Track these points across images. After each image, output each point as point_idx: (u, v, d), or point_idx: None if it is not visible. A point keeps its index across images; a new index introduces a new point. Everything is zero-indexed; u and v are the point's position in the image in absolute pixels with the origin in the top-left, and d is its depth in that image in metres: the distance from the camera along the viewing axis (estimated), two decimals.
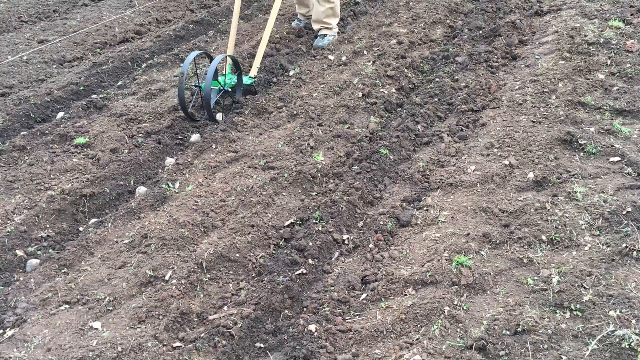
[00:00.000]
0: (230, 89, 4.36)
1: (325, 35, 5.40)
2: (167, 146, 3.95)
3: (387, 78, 4.60)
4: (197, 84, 4.27)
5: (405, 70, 4.72)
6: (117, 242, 3.02)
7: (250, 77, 4.55)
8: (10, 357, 2.34)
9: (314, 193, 3.39)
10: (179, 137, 4.08)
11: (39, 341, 2.40)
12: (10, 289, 2.77)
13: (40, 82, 4.98)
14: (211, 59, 4.32)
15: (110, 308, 2.58)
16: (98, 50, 5.71)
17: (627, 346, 2.15)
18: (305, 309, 2.60)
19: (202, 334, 2.42)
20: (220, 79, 4.37)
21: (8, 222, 3.21)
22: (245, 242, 2.92)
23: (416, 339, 2.31)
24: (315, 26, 5.45)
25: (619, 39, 4.53)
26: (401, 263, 2.77)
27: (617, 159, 3.23)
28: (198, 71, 4.65)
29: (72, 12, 6.75)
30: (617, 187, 3.00)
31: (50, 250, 3.09)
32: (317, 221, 3.07)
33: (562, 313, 2.34)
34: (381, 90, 4.44)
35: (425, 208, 3.14)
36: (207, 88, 3.96)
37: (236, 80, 4.45)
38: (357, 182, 3.39)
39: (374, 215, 3.16)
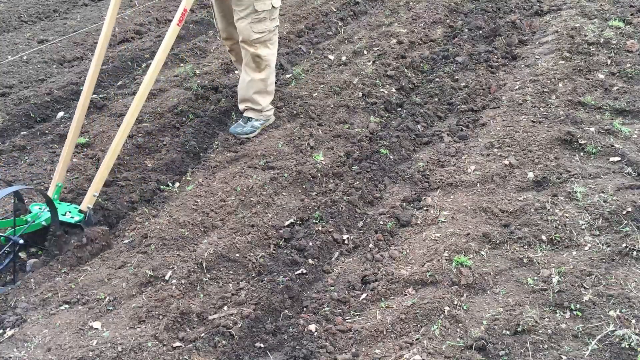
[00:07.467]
0: (23, 240, 2.78)
1: (249, 118, 3.86)
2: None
3: (387, 78, 4.60)
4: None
5: (405, 70, 4.72)
6: (117, 242, 3.02)
7: (80, 210, 2.95)
8: (10, 357, 2.34)
9: (314, 193, 3.39)
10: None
11: (39, 341, 2.40)
12: (10, 289, 2.77)
13: (40, 82, 4.98)
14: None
15: (110, 308, 2.58)
16: None
17: (627, 346, 2.15)
18: (305, 309, 2.60)
19: (202, 334, 2.42)
20: (39, 211, 2.90)
21: None
22: (245, 242, 2.92)
23: (416, 339, 2.31)
24: (241, 106, 3.96)
25: (619, 39, 4.53)
26: (401, 263, 2.77)
27: (617, 159, 3.24)
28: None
29: (72, 12, 6.75)
30: (617, 187, 3.00)
31: None
32: (317, 221, 3.07)
33: (562, 313, 2.34)
34: (381, 90, 4.44)
35: (425, 208, 3.13)
36: None
37: (49, 219, 2.85)
38: (357, 182, 3.39)
39: (374, 215, 3.16)
